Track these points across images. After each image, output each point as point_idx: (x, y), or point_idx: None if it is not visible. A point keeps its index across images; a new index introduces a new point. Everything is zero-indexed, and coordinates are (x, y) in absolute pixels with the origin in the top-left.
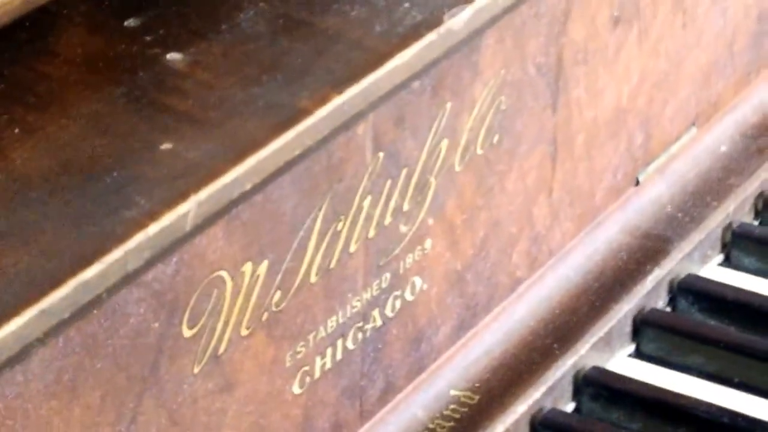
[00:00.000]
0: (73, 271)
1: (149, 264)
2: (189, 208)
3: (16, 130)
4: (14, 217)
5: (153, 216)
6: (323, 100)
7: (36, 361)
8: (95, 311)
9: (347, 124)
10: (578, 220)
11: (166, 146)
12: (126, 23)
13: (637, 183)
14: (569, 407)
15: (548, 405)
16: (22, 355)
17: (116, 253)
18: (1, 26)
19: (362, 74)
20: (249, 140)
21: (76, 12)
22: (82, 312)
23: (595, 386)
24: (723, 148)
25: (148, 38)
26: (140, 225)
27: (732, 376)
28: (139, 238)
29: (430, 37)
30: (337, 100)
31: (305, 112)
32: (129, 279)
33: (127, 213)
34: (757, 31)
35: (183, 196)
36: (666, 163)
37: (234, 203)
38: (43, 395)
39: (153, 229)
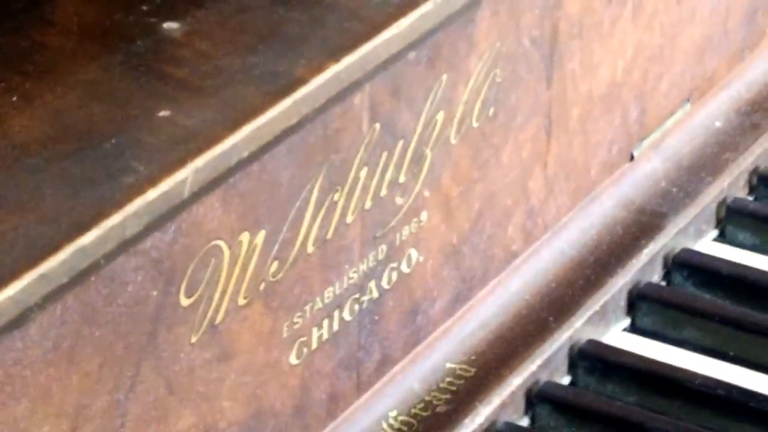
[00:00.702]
0: (72, 236)
1: (147, 230)
2: (187, 175)
3: (14, 98)
4: (13, 183)
5: (151, 182)
6: (320, 69)
7: (34, 328)
8: (93, 278)
9: (344, 93)
10: (573, 194)
11: (163, 113)
12: None
13: (632, 158)
14: (565, 380)
15: (544, 378)
16: (20, 320)
17: (114, 219)
18: None
19: (359, 43)
20: (246, 108)
21: None
22: (80, 278)
23: (591, 359)
24: (717, 124)
25: (144, 8)
26: (138, 191)
27: (727, 350)
28: (137, 203)
29: (427, 6)
30: (334, 69)
31: (302, 81)
32: (127, 245)
33: (126, 179)
34: (750, 7)
35: (181, 162)
36: (660, 138)
37: (231, 171)
38: (42, 362)
39: (151, 194)
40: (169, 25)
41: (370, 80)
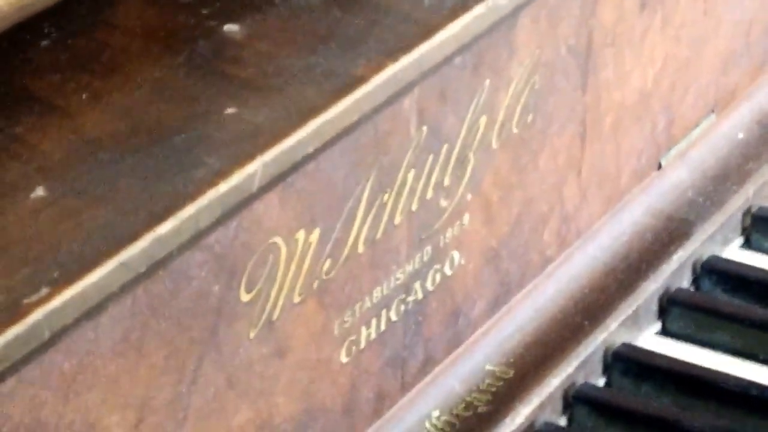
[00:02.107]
0: (149, 226)
1: (218, 223)
2: (256, 169)
3: (84, 96)
4: (89, 176)
5: (222, 175)
6: (378, 68)
7: (106, 319)
8: (161, 272)
9: (396, 96)
10: (605, 201)
11: (230, 110)
12: None
13: (660, 167)
14: (600, 382)
15: (580, 379)
16: (97, 309)
17: (189, 210)
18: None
19: (414, 45)
20: (309, 106)
21: None
22: (153, 269)
23: (625, 362)
24: (740, 135)
25: (204, 11)
26: (211, 183)
27: (756, 352)
28: (210, 195)
29: (478, 9)
30: (391, 68)
31: (362, 80)
32: (199, 237)
33: (197, 172)
34: None
35: (250, 157)
36: (686, 148)
37: (296, 166)
38: (112, 353)
39: (223, 187)
40: (230, 27)
41: (419, 84)
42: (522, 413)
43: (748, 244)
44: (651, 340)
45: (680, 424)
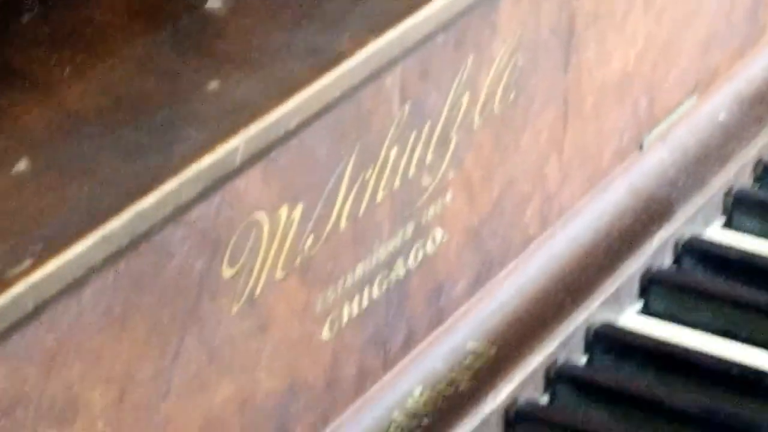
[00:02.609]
0: (131, 200)
1: (201, 197)
2: (238, 144)
3: (67, 71)
4: (72, 150)
5: (204, 150)
6: (361, 44)
7: (89, 293)
8: (143, 246)
9: (378, 73)
10: (587, 180)
11: (213, 85)
12: None
13: (641, 147)
14: (582, 360)
15: (562, 358)
16: (79, 283)
17: (171, 184)
18: None
19: (396, 21)
20: (292, 81)
21: None
22: (133, 244)
23: (607, 340)
24: (722, 116)
25: None
26: (193, 158)
27: (736, 331)
28: (192, 170)
29: None
30: (375, 44)
31: (345, 55)
32: (180, 212)
33: (179, 147)
34: (752, 3)
35: (233, 131)
36: (668, 129)
37: (275, 143)
38: (95, 327)
39: (205, 162)
40: (212, 3)
41: (402, 60)
42: (504, 391)
43: (729, 224)
44: (632, 319)
45: (661, 402)
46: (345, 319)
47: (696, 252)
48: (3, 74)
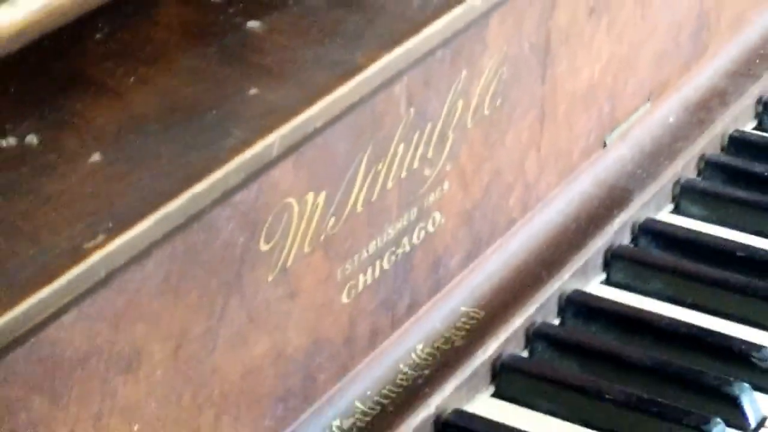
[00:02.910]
0: (186, 186)
1: (243, 184)
2: (274, 140)
3: (132, 80)
4: (136, 145)
5: (246, 145)
6: (375, 58)
7: (151, 264)
8: (195, 225)
9: (389, 82)
10: (560, 173)
11: (253, 92)
12: None
13: (605, 145)
14: (555, 321)
15: (539, 319)
16: (143, 255)
17: (218, 173)
18: None
19: (403, 39)
20: (318, 88)
21: None
22: (188, 222)
23: (576, 305)
24: (671, 119)
25: (231, 10)
26: (237, 151)
27: (683, 298)
28: (236, 161)
29: (457, 11)
30: (386, 58)
31: (361, 68)
32: (225, 197)
33: (226, 142)
34: (696, 26)
35: (270, 129)
36: (627, 130)
37: (307, 139)
38: (155, 292)
39: (247, 155)
40: (252, 24)
41: (408, 72)
42: (491, 347)
43: (677, 210)
44: (597, 287)
45: (621, 355)
46: (360, 286)
47: (650, 232)
48: (79, 83)
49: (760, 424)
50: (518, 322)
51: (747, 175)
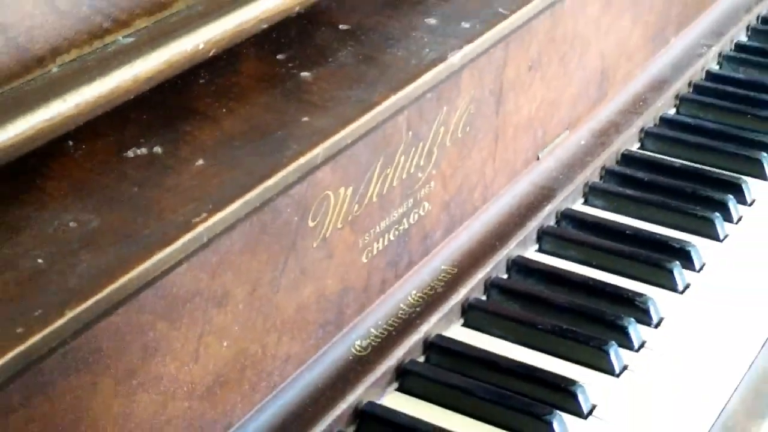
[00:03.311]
0: (261, 182)
1: (299, 181)
2: (319, 151)
3: (224, 110)
4: (227, 154)
5: (301, 154)
6: (386, 98)
7: (236, 234)
8: (266, 208)
9: (395, 113)
10: (508, 177)
11: (305, 119)
12: (278, 56)
13: (538, 158)
14: (504, 276)
15: (494, 275)
16: (233, 226)
17: (283, 173)
18: (211, 57)
19: (405, 85)
20: (348, 117)
21: (250, 50)
22: (262, 206)
23: (518, 266)
24: (582, 142)
25: (290, 65)
26: (295, 159)
27: (597, 262)
28: (295, 165)
29: (441, 66)
30: (394, 98)
31: (377, 104)
32: (287, 189)
33: (287, 153)
34: (600, 79)
35: (315, 144)
36: (553, 148)
37: (341, 151)
38: (239, 252)
39: (302, 161)
40: (305, 74)
41: (408, 108)
42: (461, 293)
43: (586, 203)
44: (532, 254)
45: (549, 299)
46: (375, 251)
47: (568, 217)
48: (189, 112)
49: (641, 346)
50: (479, 276)
51: (633, 179)
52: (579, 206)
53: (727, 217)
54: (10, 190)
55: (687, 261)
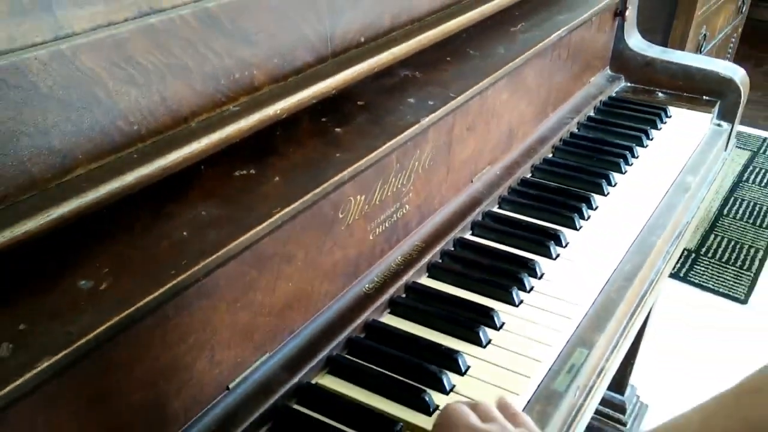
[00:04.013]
0: (312, 189)
1: (333, 190)
2: (345, 173)
3: (290, 149)
4: (292, 178)
5: (336, 174)
6: (385, 143)
7: (297, 221)
8: (314, 207)
9: (389, 153)
10: (454, 192)
11: (337, 155)
12: (322, 119)
13: (473, 181)
14: (469, 236)
15: (449, 247)
16: (295, 216)
17: (324, 185)
18: (283, 118)
19: (396, 135)
20: (362, 154)
21: (305, 115)
22: (311, 205)
23: (461, 244)
24: (498, 172)
25: (329, 124)
26: (329, 178)
27: (503, 241)
28: (331, 181)
29: (416, 126)
30: (389, 144)
31: (379, 146)
32: (325, 196)
33: (325, 175)
34: (509, 135)
35: (343, 169)
36: (481, 175)
37: (358, 174)
38: (298, 232)
39: (337, 178)
40: (338, 129)
41: (396, 150)
42: (427, 257)
43: (500, 207)
44: (469, 236)
45: (479, 261)
46: (378, 232)
47: (489, 215)
48: (270, 151)
49: (520, 302)
50: (438, 248)
51: (527, 194)
52: (495, 209)
53: (582, 216)
54: (167, 193)
55: (557, 241)
